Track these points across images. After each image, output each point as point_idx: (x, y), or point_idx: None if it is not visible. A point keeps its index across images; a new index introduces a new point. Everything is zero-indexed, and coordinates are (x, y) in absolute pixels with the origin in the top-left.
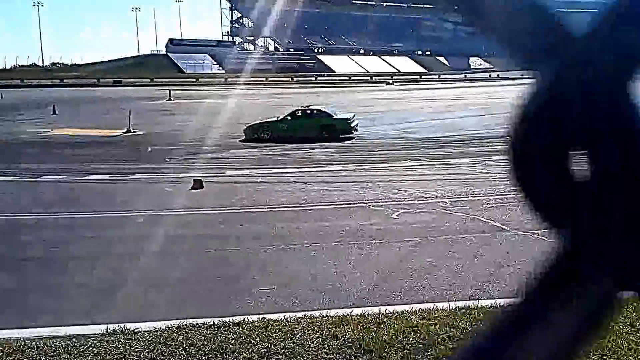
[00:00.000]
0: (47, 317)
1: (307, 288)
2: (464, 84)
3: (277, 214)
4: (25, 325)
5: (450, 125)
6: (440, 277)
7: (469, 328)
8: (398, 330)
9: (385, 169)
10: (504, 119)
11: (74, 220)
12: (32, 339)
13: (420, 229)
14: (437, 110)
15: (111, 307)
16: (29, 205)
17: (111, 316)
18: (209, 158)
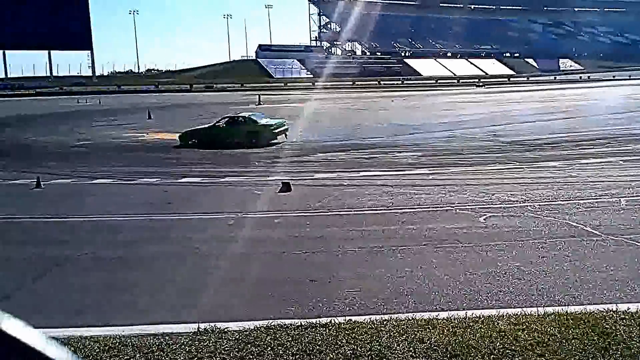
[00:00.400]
0: (140, 314)
1: (393, 290)
2: (553, 86)
3: (364, 216)
4: (117, 323)
5: (540, 128)
6: (528, 281)
7: (558, 334)
8: (485, 335)
9: (472, 173)
10: (595, 122)
11: (164, 222)
12: (128, 336)
13: (508, 232)
14: (525, 113)
15: (199, 305)
16: (125, 206)
17: (200, 314)
18: (297, 161)
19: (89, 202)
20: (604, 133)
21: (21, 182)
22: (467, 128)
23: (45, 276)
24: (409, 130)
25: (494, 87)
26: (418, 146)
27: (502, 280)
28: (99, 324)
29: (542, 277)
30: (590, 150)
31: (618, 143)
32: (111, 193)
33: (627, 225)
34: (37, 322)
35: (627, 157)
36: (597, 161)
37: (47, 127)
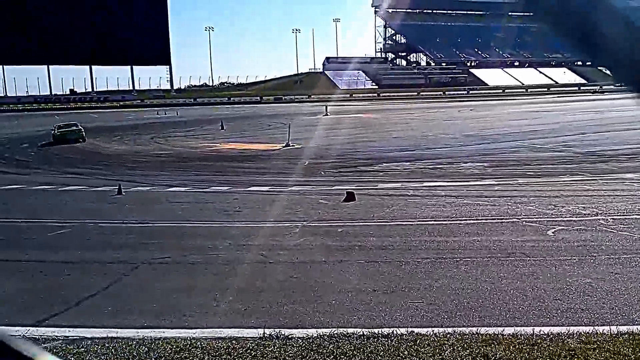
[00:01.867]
0: (211, 317)
1: (457, 303)
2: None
3: (428, 227)
4: (189, 325)
5: (615, 138)
6: (601, 299)
7: (632, 355)
8: (553, 352)
9: (540, 184)
10: None
11: (235, 228)
12: (198, 338)
13: (579, 247)
14: (599, 123)
15: (266, 311)
16: (197, 213)
17: (265, 319)
18: (362, 171)
19: (166, 208)
20: None
21: (104, 189)
22: (536, 138)
23: (125, 278)
24: (475, 141)
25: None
26: (484, 157)
27: (572, 296)
28: (173, 326)
29: (615, 295)
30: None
31: None
32: (186, 200)
33: None
34: (116, 322)
35: None
36: None
37: (131, 137)
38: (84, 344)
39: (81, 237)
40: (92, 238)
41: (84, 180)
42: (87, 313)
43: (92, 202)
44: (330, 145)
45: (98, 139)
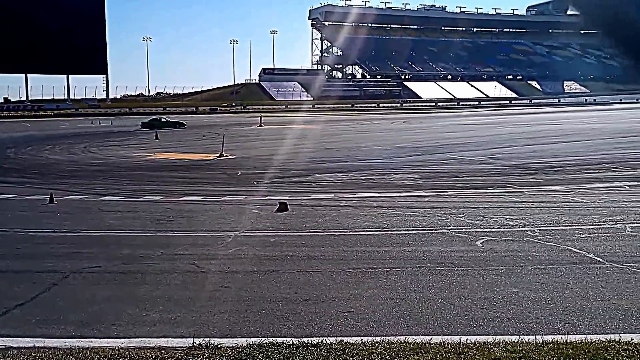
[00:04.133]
0: (140, 327)
1: (386, 312)
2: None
3: (359, 237)
4: (118, 335)
5: (542, 151)
6: (527, 308)
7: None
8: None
9: (469, 196)
10: (601, 145)
11: (167, 238)
12: (126, 348)
13: (506, 257)
14: (527, 136)
15: (193, 320)
16: (129, 223)
17: (195, 330)
18: (295, 181)
19: (98, 218)
20: (610, 157)
21: (36, 197)
22: (467, 150)
23: (55, 288)
24: (407, 152)
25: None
26: (416, 168)
27: (499, 306)
28: (102, 335)
29: (541, 304)
30: (595, 174)
31: (624, 167)
32: (118, 210)
33: (632, 252)
34: (44, 332)
35: (634, 182)
36: (602, 186)
37: (64, 146)
38: (10, 354)
39: (10, 246)
40: (21, 247)
41: (15, 188)
42: (14, 322)
43: (23, 211)
44: (264, 156)
45: (30, 148)
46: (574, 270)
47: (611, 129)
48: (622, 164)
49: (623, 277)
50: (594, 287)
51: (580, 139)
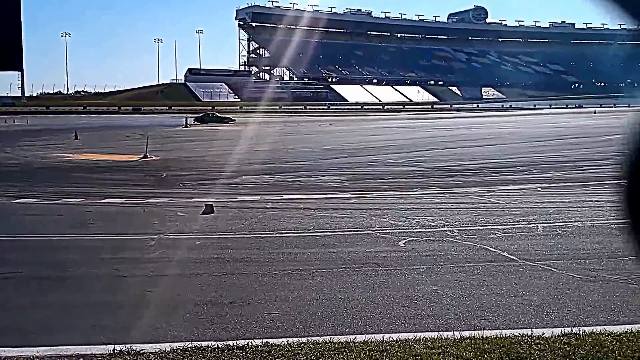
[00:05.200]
0: (58, 334)
1: (312, 313)
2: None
3: (286, 239)
4: (34, 344)
5: (462, 154)
6: (446, 305)
7: (474, 359)
8: (401, 358)
9: (393, 197)
10: (516, 149)
11: (88, 241)
12: (42, 357)
13: (427, 256)
14: (448, 140)
15: (115, 326)
16: (47, 226)
17: (117, 336)
18: (222, 183)
19: (13, 221)
20: (524, 160)
21: None
22: (391, 153)
23: None
24: (334, 155)
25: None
26: (342, 170)
27: (420, 304)
28: (17, 344)
29: (459, 301)
30: (510, 176)
31: (537, 170)
32: (34, 213)
33: (543, 251)
34: None
35: (545, 184)
36: (516, 187)
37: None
38: None
39: None
40: None
41: None
42: None
43: None
44: (190, 157)
45: None
46: (489, 268)
47: (525, 133)
48: (534, 167)
49: (534, 274)
50: (508, 284)
51: (497, 142)
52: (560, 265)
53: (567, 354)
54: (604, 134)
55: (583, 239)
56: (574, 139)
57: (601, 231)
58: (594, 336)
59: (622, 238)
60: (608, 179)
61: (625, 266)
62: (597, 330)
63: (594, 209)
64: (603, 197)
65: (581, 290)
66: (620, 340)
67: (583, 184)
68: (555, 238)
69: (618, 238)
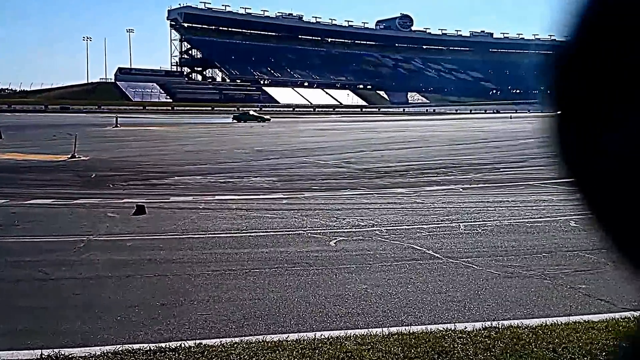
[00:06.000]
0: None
1: (245, 313)
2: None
3: (219, 239)
4: None
5: (389, 156)
6: (374, 303)
7: (401, 354)
8: (332, 355)
9: (324, 198)
10: (439, 152)
11: (13, 244)
12: None
13: (357, 256)
14: (377, 142)
15: (43, 330)
16: None
17: (45, 341)
18: (153, 184)
19: None
20: (447, 162)
21: None
22: (322, 155)
23: None
24: (265, 156)
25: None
26: (274, 171)
27: (350, 302)
28: None
29: (387, 299)
30: (434, 177)
31: (458, 172)
32: None
33: (465, 248)
34: None
35: (466, 184)
36: (440, 188)
37: None
38: None
39: None
40: None
41: None
42: None
43: None
44: (120, 158)
45: None
46: (416, 266)
47: (448, 136)
48: (456, 169)
49: (457, 271)
50: (433, 281)
51: (422, 145)
52: (481, 262)
53: (488, 347)
54: (519, 137)
55: (501, 237)
56: (492, 142)
57: (518, 229)
58: (512, 329)
59: (536, 236)
60: (523, 180)
61: (540, 262)
62: (515, 324)
63: (511, 208)
64: (519, 198)
65: (500, 286)
66: (536, 333)
67: (500, 184)
68: (475, 236)
69: (533, 236)
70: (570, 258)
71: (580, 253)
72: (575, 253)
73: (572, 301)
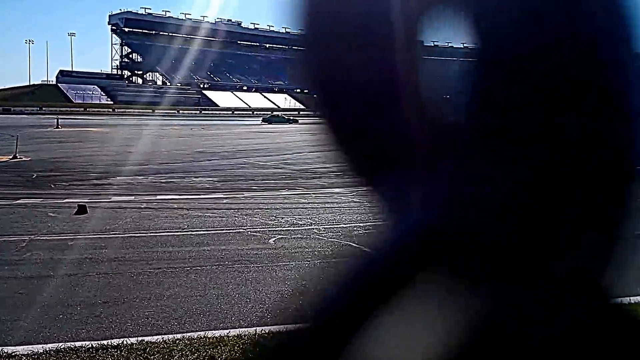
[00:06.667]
0: None
1: (187, 310)
2: None
3: (160, 238)
4: None
5: (326, 157)
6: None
7: None
8: (273, 349)
9: (263, 197)
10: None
11: None
12: None
13: (295, 253)
14: (314, 144)
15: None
16: None
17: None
18: (95, 184)
19: None
20: None
21: None
22: (261, 156)
23: None
24: (206, 157)
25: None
26: (214, 172)
27: (290, 297)
28: None
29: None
30: None
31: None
32: None
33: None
34: None
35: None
36: None
37: None
38: None
39: None
40: None
41: None
42: None
43: None
44: (62, 158)
45: None
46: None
47: None
48: None
49: None
50: None
51: None
52: None
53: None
54: None
55: None
56: None
57: None
58: None
59: None
60: None
61: None
62: None
63: None
64: None
65: None
66: None
67: None
68: None
69: None
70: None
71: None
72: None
73: None
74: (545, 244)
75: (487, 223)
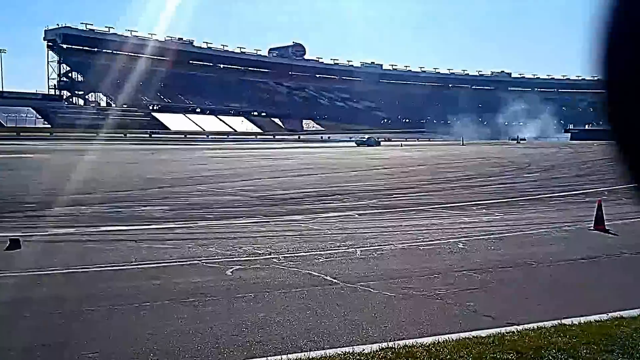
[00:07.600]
0: None
1: (137, 350)
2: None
3: (105, 273)
4: None
5: (285, 183)
6: (274, 330)
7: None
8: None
9: (219, 226)
10: (335, 179)
11: None
12: None
13: (254, 284)
14: (272, 169)
15: None
16: None
17: None
18: (30, 215)
19: None
20: (342, 189)
21: None
22: (216, 182)
23: None
24: (156, 184)
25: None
26: (165, 200)
27: (248, 331)
28: None
29: (286, 326)
30: (331, 204)
31: (353, 198)
32: None
33: (362, 273)
34: None
35: (361, 210)
36: (336, 215)
37: None
38: None
39: None
40: None
41: None
42: None
43: None
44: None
45: None
46: (314, 291)
47: (344, 163)
48: (351, 195)
49: (355, 295)
50: (331, 306)
51: (319, 172)
52: (377, 285)
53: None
54: (410, 164)
55: (396, 261)
56: (384, 169)
57: (411, 252)
58: (407, 348)
59: (428, 258)
60: (415, 205)
61: (433, 283)
62: (410, 343)
63: (404, 233)
64: (412, 222)
65: (395, 307)
66: (430, 350)
67: (393, 210)
68: (372, 261)
69: (425, 258)
70: (459, 278)
71: (468, 273)
72: (464, 273)
73: (461, 318)
74: None
75: None
